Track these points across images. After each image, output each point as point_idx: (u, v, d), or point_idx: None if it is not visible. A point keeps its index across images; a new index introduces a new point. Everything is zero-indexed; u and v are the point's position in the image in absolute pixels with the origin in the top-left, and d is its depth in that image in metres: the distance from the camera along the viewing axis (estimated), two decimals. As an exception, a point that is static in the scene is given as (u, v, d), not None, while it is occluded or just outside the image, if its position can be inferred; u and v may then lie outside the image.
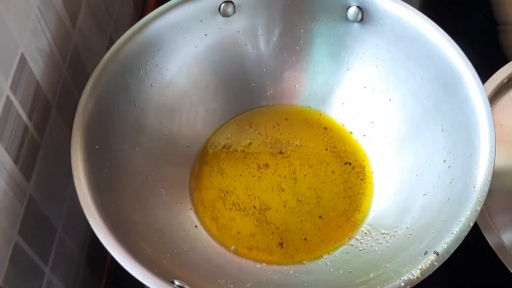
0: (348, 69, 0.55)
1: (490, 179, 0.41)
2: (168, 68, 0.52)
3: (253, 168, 0.54)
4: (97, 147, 0.45)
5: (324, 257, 0.48)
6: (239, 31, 0.54)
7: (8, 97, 0.40)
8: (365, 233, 0.49)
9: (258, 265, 0.48)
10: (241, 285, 0.44)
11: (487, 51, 0.63)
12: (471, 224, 0.40)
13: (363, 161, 0.54)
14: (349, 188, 0.52)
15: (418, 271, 0.38)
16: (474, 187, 0.41)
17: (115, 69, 0.48)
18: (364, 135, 0.55)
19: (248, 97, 0.57)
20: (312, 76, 0.56)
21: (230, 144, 0.55)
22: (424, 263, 0.38)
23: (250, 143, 0.55)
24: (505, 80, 0.57)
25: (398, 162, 0.52)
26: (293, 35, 0.55)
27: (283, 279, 0.47)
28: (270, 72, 0.56)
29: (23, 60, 0.42)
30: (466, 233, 0.39)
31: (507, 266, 0.46)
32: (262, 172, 0.54)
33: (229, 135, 0.56)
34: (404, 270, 0.39)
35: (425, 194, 0.46)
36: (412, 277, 0.38)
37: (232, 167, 0.54)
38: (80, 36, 0.52)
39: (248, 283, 0.45)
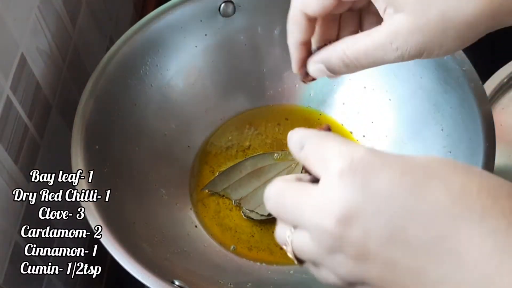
0: (348, 69, 0.54)
1: (490, 179, 0.41)
2: (168, 68, 0.52)
3: (253, 168, 0.54)
4: (97, 147, 0.45)
5: (324, 257, 0.48)
6: (239, 31, 0.54)
7: (8, 97, 0.40)
8: (365, 233, 0.49)
9: (258, 265, 0.48)
10: (241, 285, 0.44)
11: (487, 51, 0.63)
12: (471, 224, 0.40)
13: (363, 161, 0.54)
14: (349, 188, 0.52)
15: (418, 271, 0.38)
16: (474, 187, 0.41)
17: (115, 69, 0.48)
18: (364, 135, 0.55)
19: (248, 97, 0.57)
20: (312, 76, 0.56)
21: (230, 144, 0.55)
22: (424, 263, 0.38)
23: (250, 143, 0.55)
24: (505, 80, 0.57)
25: (398, 162, 0.51)
26: (293, 35, 0.54)
27: (283, 279, 0.47)
28: (270, 72, 0.56)
29: (23, 60, 0.42)
30: (466, 233, 0.39)
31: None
32: (262, 172, 0.54)
33: (229, 135, 0.56)
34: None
35: (425, 194, 0.46)
36: (412, 277, 0.38)
37: (232, 167, 0.54)
38: (80, 36, 0.52)
39: (248, 283, 0.45)
